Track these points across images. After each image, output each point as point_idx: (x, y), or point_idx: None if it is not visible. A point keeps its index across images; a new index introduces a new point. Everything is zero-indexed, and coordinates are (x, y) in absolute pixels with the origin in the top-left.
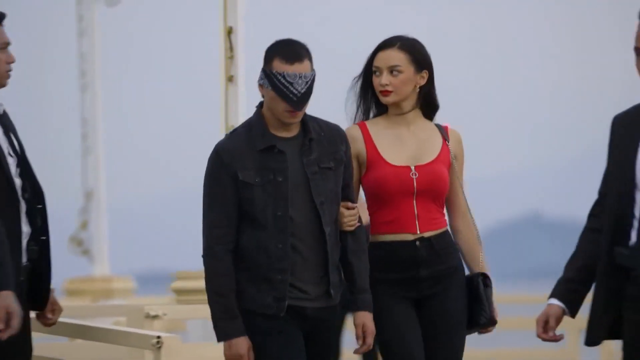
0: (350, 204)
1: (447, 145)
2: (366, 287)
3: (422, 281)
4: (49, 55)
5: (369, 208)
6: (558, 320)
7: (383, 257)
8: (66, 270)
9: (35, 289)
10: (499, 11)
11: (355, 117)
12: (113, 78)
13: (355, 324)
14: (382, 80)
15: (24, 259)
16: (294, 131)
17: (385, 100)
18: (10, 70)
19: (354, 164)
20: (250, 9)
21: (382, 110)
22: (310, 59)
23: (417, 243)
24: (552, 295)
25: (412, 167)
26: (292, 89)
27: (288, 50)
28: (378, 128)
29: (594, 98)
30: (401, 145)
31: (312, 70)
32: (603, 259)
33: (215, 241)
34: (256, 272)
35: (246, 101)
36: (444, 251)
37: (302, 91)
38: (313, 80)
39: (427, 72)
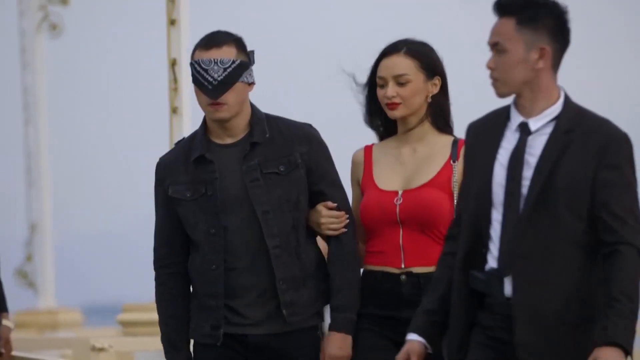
0: (330, 204)
1: (452, 165)
2: (342, 304)
3: (402, 324)
4: None
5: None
6: (420, 358)
7: (365, 287)
8: (12, 303)
9: None
10: None
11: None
12: (59, 110)
13: (321, 348)
14: (388, 92)
15: None
16: (238, 135)
17: (392, 114)
18: None
19: (356, 191)
20: (193, 41)
21: (392, 126)
22: (237, 47)
23: (403, 277)
24: (412, 330)
25: (399, 192)
26: (207, 76)
27: (207, 37)
28: (383, 149)
29: (613, 109)
30: (398, 167)
31: (237, 57)
32: (457, 282)
33: (157, 264)
34: (197, 298)
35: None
36: None
37: (219, 78)
38: (236, 69)
39: (439, 78)
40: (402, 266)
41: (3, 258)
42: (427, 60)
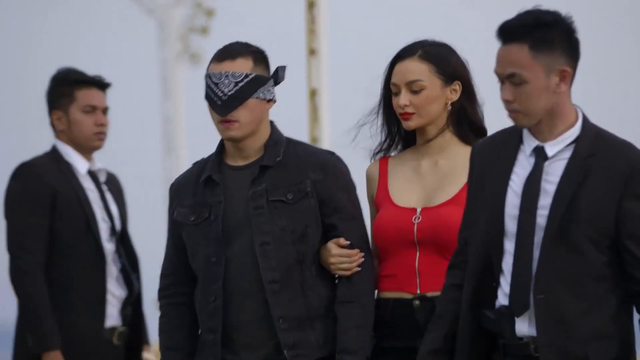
0: (342, 241)
1: None
2: (349, 347)
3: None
4: (131, 118)
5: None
6: None
7: (381, 317)
8: (152, 332)
9: (131, 354)
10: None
11: (376, 153)
12: (199, 139)
13: None
14: (400, 100)
15: (119, 323)
16: (251, 157)
17: (406, 125)
18: (100, 132)
19: (372, 210)
20: (333, 71)
21: (410, 139)
22: (255, 60)
23: (416, 303)
24: None
25: (418, 210)
26: (216, 90)
27: (222, 49)
28: (400, 162)
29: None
30: (417, 181)
31: (253, 71)
32: (464, 319)
33: (161, 294)
34: (200, 334)
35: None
36: None
37: (229, 93)
38: (250, 83)
39: (459, 83)
40: (418, 292)
41: (145, 289)
42: (444, 64)
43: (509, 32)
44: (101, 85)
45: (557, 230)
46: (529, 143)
